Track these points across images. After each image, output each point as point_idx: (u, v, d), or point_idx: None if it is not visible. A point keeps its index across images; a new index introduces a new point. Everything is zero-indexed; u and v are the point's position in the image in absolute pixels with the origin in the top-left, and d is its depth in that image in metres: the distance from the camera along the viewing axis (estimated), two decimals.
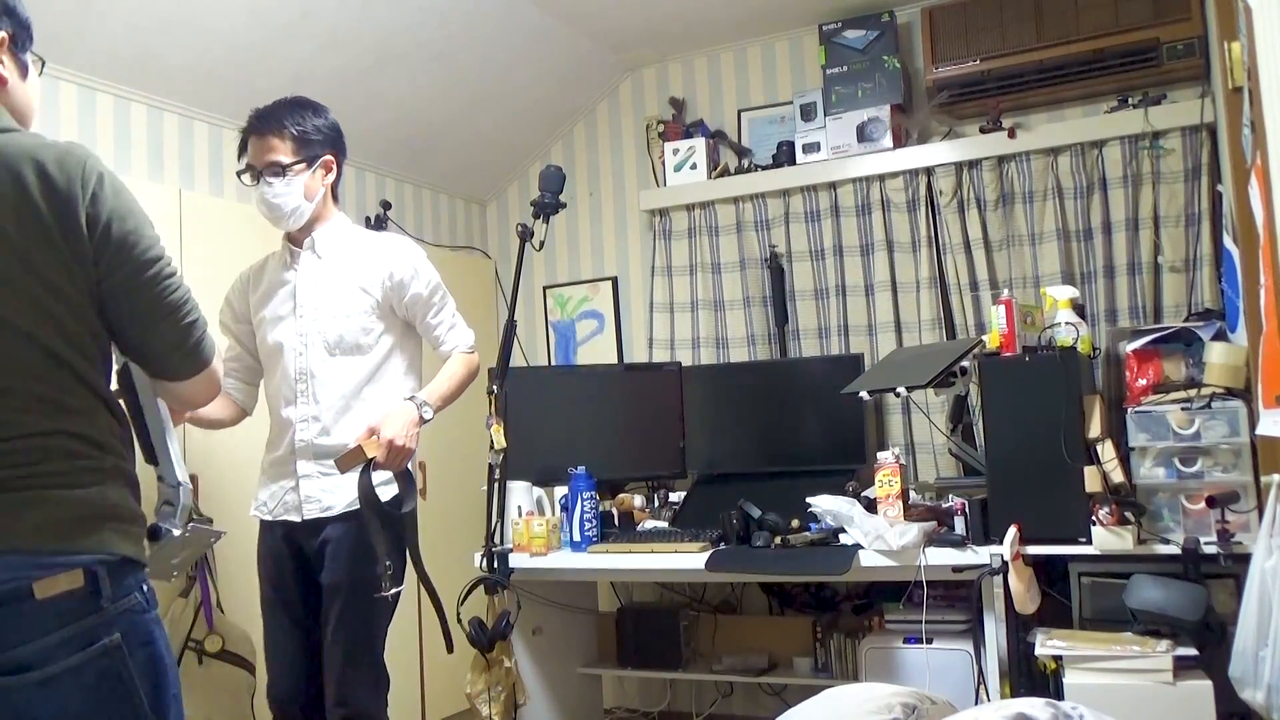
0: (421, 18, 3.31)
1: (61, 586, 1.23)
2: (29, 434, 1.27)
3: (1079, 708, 1.25)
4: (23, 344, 1.29)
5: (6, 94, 1.40)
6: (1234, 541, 2.43)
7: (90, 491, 1.30)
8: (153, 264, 1.42)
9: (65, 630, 1.23)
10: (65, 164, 1.34)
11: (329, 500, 2.34)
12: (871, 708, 1.52)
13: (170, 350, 1.47)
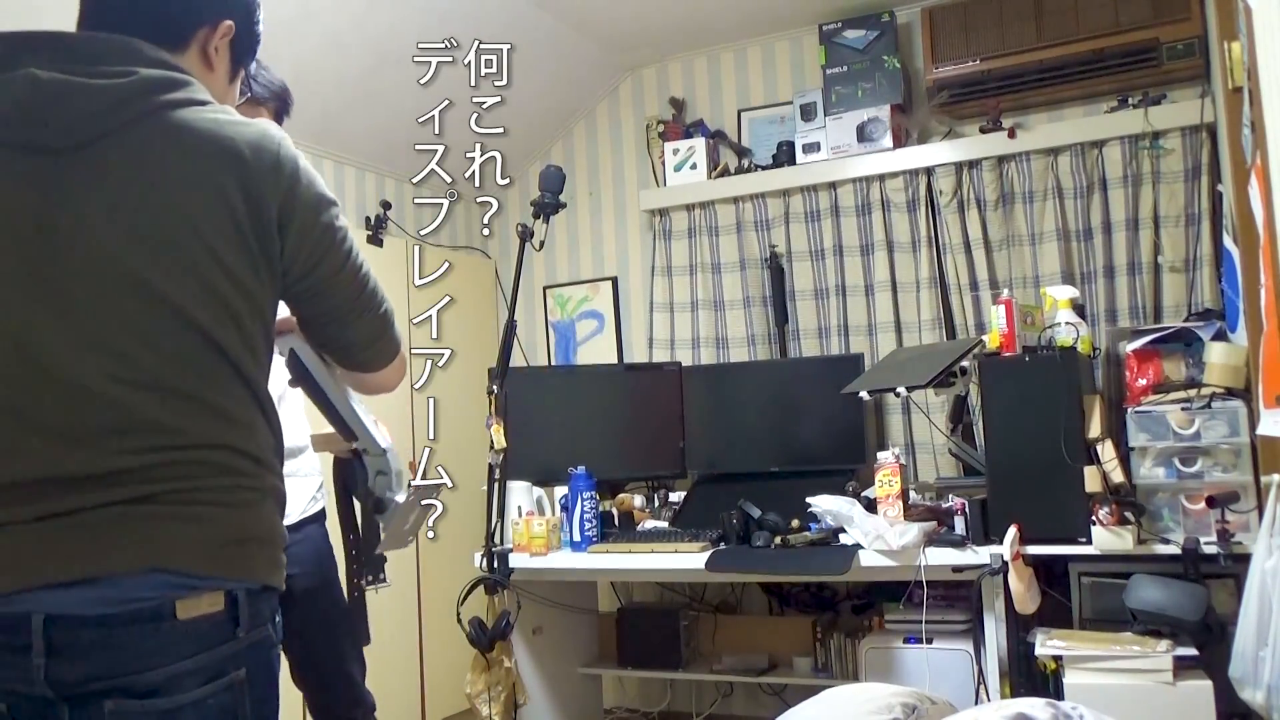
0: (422, 19, 3.31)
1: (203, 608, 1.14)
2: (193, 445, 1.16)
3: (1079, 708, 1.25)
4: (200, 342, 1.17)
5: (207, 83, 1.29)
6: (1234, 541, 2.43)
7: (245, 513, 1.20)
8: (348, 257, 1.30)
9: (199, 658, 1.14)
10: (263, 148, 1.21)
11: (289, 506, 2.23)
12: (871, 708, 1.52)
13: (369, 343, 1.39)
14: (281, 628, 1.28)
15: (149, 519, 1.13)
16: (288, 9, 3.03)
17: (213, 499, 1.17)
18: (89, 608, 1.09)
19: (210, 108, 1.22)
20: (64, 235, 1.13)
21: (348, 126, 3.66)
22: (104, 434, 1.12)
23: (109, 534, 1.11)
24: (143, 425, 1.13)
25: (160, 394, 1.15)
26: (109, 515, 1.11)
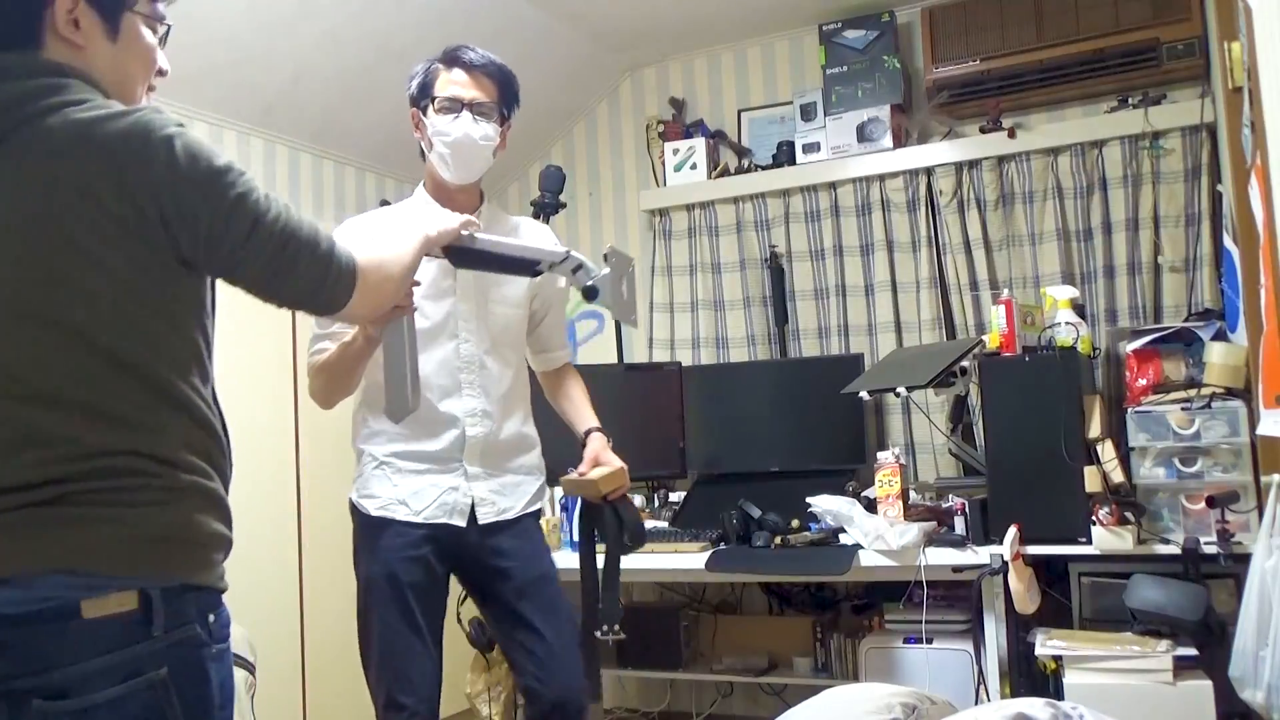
0: (421, 16, 3.31)
1: (111, 608, 1.14)
2: (91, 453, 1.17)
3: (1079, 708, 1.25)
4: (88, 353, 1.18)
5: (84, 60, 1.22)
6: (1234, 541, 2.43)
7: (155, 512, 1.19)
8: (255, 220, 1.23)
9: (109, 658, 1.13)
10: (130, 139, 1.16)
11: (505, 503, 2.15)
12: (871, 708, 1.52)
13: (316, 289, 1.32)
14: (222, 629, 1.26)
15: (54, 522, 1.14)
16: (287, 7, 3.02)
17: (118, 500, 1.17)
18: (3, 607, 1.12)
19: (81, 107, 1.17)
20: None
21: (347, 125, 3.66)
22: (4, 448, 1.15)
23: (16, 537, 1.14)
24: (39, 439, 1.15)
25: (53, 408, 1.16)
26: (16, 519, 1.14)
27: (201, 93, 3.18)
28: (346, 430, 3.83)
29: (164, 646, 1.17)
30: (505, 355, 2.15)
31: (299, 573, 3.24)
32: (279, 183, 3.54)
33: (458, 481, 2.09)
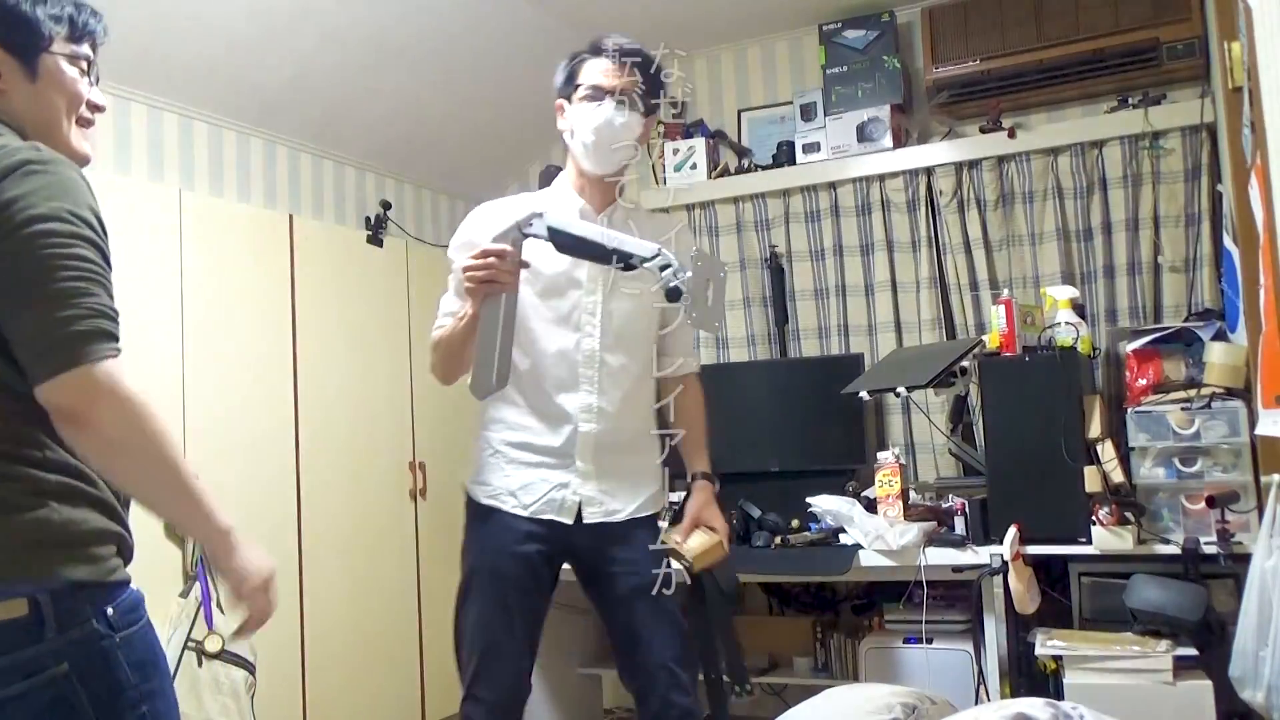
0: (421, 16, 3.31)
1: (10, 614, 1.17)
2: None
3: (1079, 708, 1.25)
4: None
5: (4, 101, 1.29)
6: (1234, 541, 2.43)
7: (27, 515, 1.21)
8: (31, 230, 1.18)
9: (5, 659, 1.17)
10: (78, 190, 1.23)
11: (613, 504, 2.05)
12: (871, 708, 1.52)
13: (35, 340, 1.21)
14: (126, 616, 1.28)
15: None
16: (287, 8, 3.02)
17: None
18: None
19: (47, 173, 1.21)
20: None
21: (347, 125, 3.66)
22: None
23: None
24: None
25: None
26: None
27: (202, 92, 3.18)
28: (346, 431, 3.85)
29: (61, 645, 1.20)
30: (631, 352, 2.06)
31: (299, 573, 3.23)
32: (279, 182, 3.54)
33: (568, 478, 2.03)
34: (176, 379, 2.92)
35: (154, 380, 2.86)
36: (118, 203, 2.83)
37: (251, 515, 3.10)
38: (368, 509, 3.52)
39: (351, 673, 3.38)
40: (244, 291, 3.16)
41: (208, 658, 2.77)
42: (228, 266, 3.12)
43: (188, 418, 2.93)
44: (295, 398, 3.30)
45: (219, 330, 3.06)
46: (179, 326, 2.94)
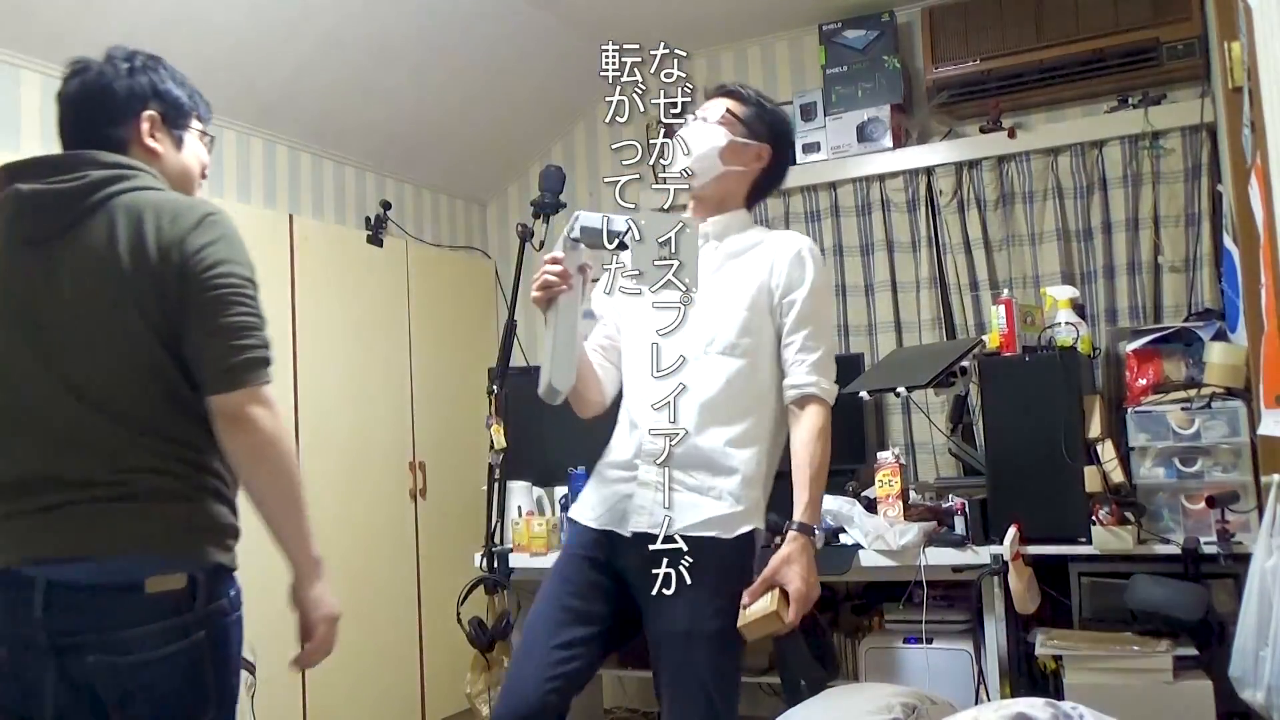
0: (421, 17, 3.31)
1: (169, 585, 1.45)
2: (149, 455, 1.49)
3: (1079, 708, 1.25)
4: (147, 382, 1.50)
5: (161, 163, 1.67)
6: (1234, 541, 2.43)
7: (191, 506, 1.51)
8: (217, 282, 1.53)
9: (165, 622, 1.45)
10: (179, 214, 1.53)
11: (662, 516, 1.86)
12: (871, 708, 1.52)
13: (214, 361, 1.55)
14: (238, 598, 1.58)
15: (123, 514, 1.46)
16: (287, 9, 3.02)
17: (170, 497, 1.49)
18: (82, 578, 1.43)
19: (155, 193, 1.56)
20: (47, 307, 1.51)
21: (347, 126, 3.66)
22: (80, 447, 1.48)
23: (94, 523, 1.45)
24: (109, 443, 1.48)
25: (125, 420, 1.49)
26: (93, 510, 1.45)
27: (202, 92, 3.18)
28: (346, 431, 3.85)
29: (204, 615, 1.48)
30: (715, 361, 1.91)
31: None
32: (279, 183, 3.54)
33: (632, 489, 1.89)
34: None
35: None
36: None
37: (251, 516, 3.09)
38: (367, 509, 3.52)
39: (351, 673, 3.38)
40: None
41: None
42: None
43: None
44: (295, 397, 3.30)
45: None
46: None
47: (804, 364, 1.91)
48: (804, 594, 1.78)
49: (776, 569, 1.81)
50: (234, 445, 1.52)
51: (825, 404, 1.91)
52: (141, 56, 1.72)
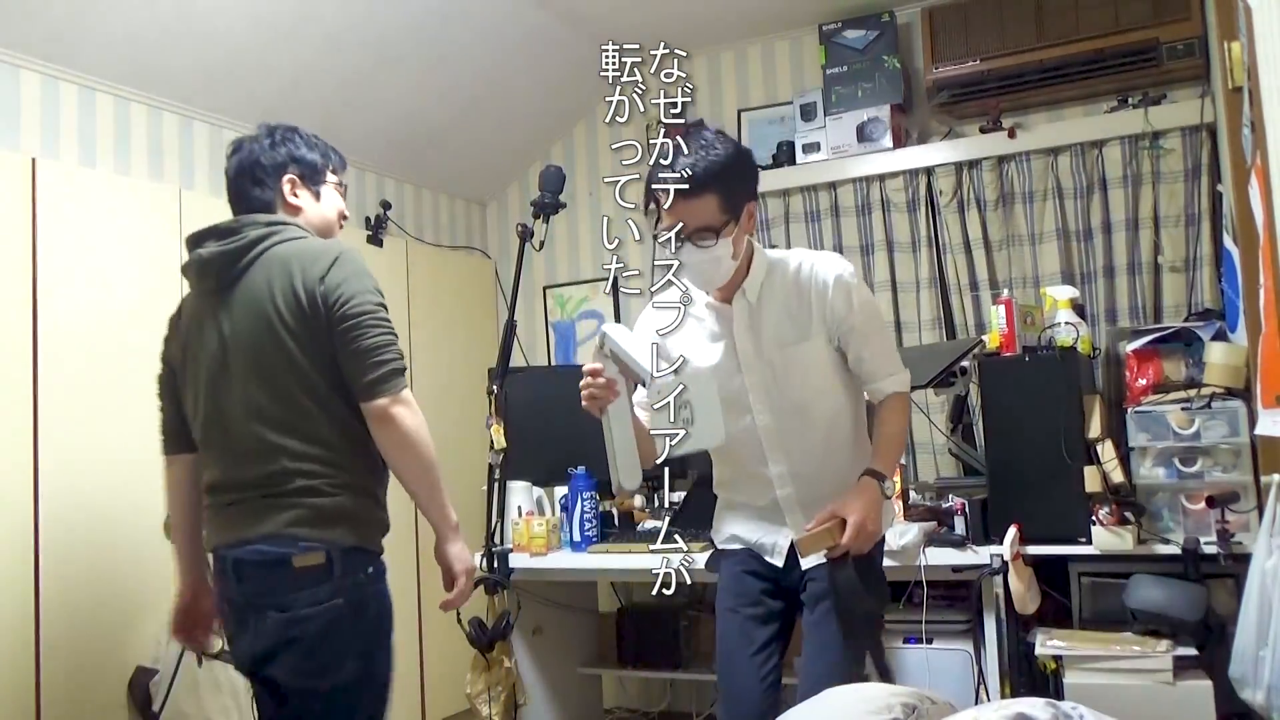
0: (421, 18, 3.31)
1: (310, 561, 1.86)
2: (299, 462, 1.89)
3: (1079, 708, 1.25)
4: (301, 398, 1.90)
5: (304, 215, 2.06)
6: (1234, 541, 2.43)
7: (331, 499, 1.90)
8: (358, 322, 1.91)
9: (309, 590, 1.86)
10: (317, 258, 1.91)
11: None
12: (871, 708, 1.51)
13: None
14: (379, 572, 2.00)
15: (277, 506, 1.88)
16: (287, 11, 3.02)
17: (309, 491, 1.89)
18: (252, 557, 1.89)
19: (298, 242, 1.96)
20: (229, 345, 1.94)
21: (347, 127, 3.66)
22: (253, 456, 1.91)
23: (260, 514, 1.89)
24: (271, 451, 1.90)
25: (283, 432, 1.90)
26: (257, 505, 1.89)
27: (202, 96, 3.18)
28: None
29: (342, 586, 1.89)
30: (808, 414, 2.09)
31: None
32: None
33: (780, 530, 2.12)
34: None
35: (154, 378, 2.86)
36: (118, 203, 2.84)
37: None
38: None
39: None
40: None
41: (208, 658, 2.77)
42: None
43: None
44: None
45: None
46: None
47: (877, 373, 2.10)
48: (858, 522, 1.93)
49: (842, 501, 1.96)
50: (383, 439, 1.92)
51: (902, 393, 2.12)
52: (281, 130, 2.08)
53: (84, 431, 2.66)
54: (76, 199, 2.72)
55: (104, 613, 2.67)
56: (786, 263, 2.12)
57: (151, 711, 2.66)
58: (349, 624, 1.91)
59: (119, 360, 2.76)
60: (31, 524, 2.54)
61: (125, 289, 2.81)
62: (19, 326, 2.56)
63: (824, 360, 2.08)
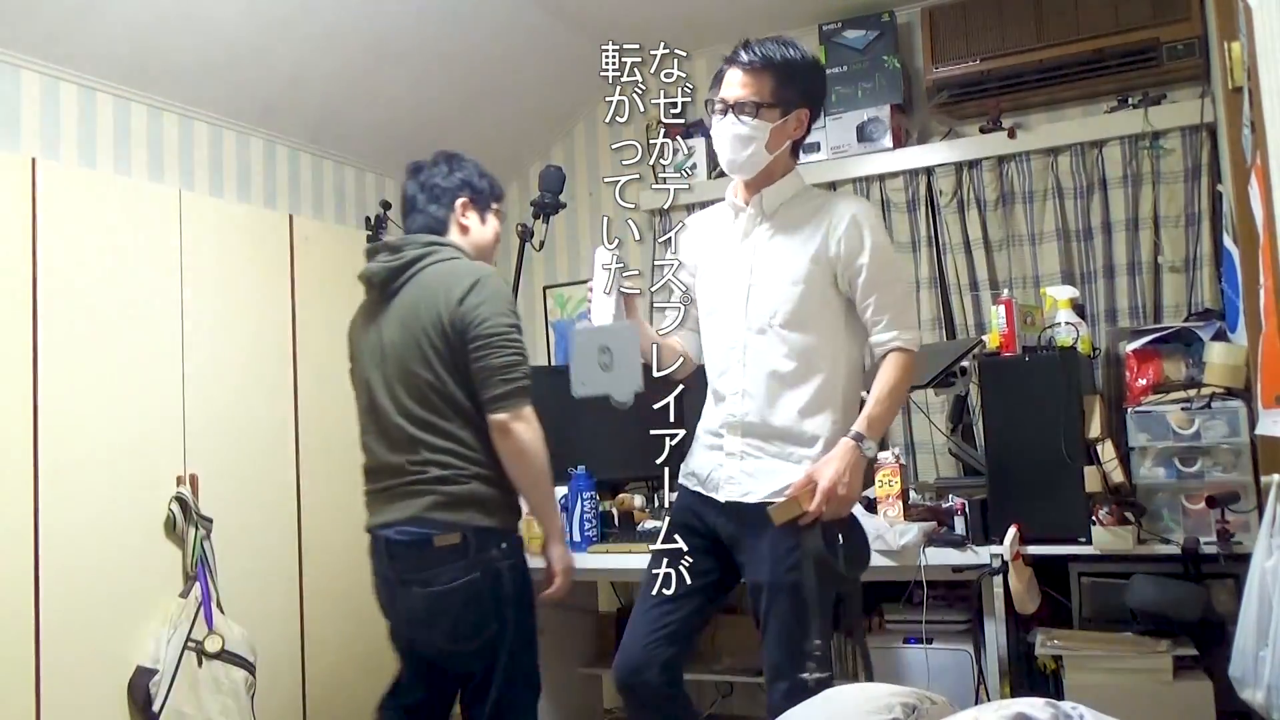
0: (421, 17, 3.31)
1: (449, 541, 2.14)
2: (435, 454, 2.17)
3: (1079, 708, 1.25)
4: (440, 399, 2.18)
5: (470, 235, 2.35)
6: (1234, 541, 2.43)
7: (463, 487, 2.16)
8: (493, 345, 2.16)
9: (447, 567, 2.14)
10: (460, 280, 2.18)
11: (749, 485, 2.09)
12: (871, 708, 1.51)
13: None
14: (514, 548, 2.22)
15: (417, 493, 2.17)
16: (286, 8, 3.02)
17: (444, 480, 2.16)
18: (400, 537, 2.19)
19: (448, 264, 2.24)
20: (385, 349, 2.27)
21: (347, 125, 3.66)
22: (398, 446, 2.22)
23: (405, 500, 2.18)
24: (413, 444, 2.19)
25: (423, 428, 2.18)
26: (403, 490, 2.19)
27: (201, 93, 3.18)
28: (347, 431, 3.81)
29: (476, 561, 2.15)
30: (783, 336, 2.06)
31: (299, 573, 3.23)
32: (279, 183, 3.54)
33: (720, 459, 2.13)
34: (177, 378, 2.92)
35: (154, 379, 2.86)
36: (118, 203, 2.84)
37: (251, 514, 3.10)
38: None
39: (351, 673, 3.38)
40: (244, 291, 3.16)
41: (208, 658, 2.77)
42: (228, 266, 3.12)
43: (188, 417, 2.93)
44: (295, 397, 3.30)
45: (219, 330, 3.06)
46: (179, 326, 2.94)
47: (880, 324, 2.07)
48: (829, 489, 1.94)
49: (817, 467, 1.99)
50: (502, 449, 2.17)
51: (907, 351, 2.07)
52: (457, 158, 2.43)
53: (84, 431, 2.66)
54: (76, 199, 2.72)
55: (104, 613, 2.67)
56: (815, 193, 2.17)
57: (151, 711, 2.66)
58: (486, 594, 2.16)
59: (119, 360, 2.76)
60: (31, 524, 2.53)
61: (125, 289, 2.81)
62: (19, 327, 2.56)
63: (818, 294, 2.06)
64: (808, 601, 1.98)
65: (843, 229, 2.05)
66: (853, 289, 2.07)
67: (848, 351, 2.11)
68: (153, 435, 2.85)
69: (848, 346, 2.11)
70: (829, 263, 2.06)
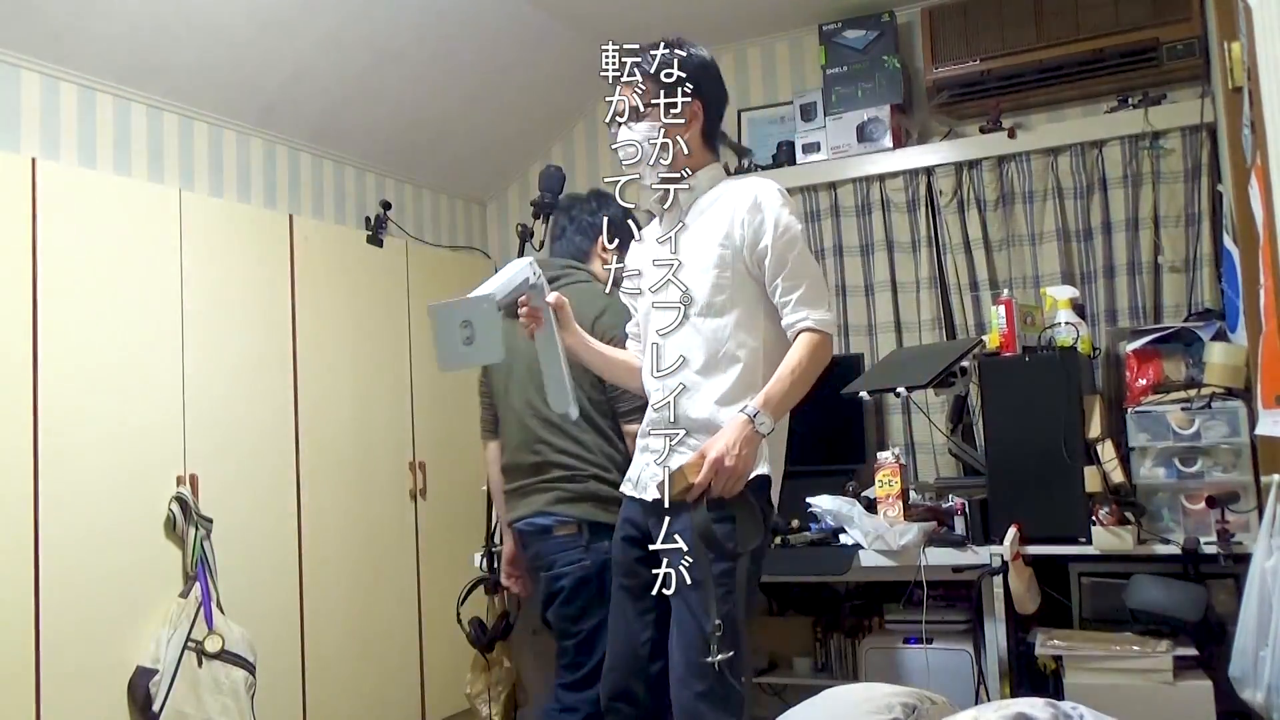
0: (421, 17, 3.31)
1: (567, 531, 2.40)
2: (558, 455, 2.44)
3: (1079, 708, 1.25)
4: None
5: (598, 265, 2.60)
6: (1234, 541, 2.43)
7: (580, 484, 2.40)
8: None
9: (564, 554, 2.40)
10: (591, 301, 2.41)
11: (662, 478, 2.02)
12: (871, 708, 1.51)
13: None
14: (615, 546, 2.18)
15: (543, 489, 2.43)
16: (287, 9, 3.03)
17: (564, 478, 2.42)
18: (529, 529, 2.47)
19: (574, 285, 2.46)
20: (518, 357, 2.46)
21: (347, 126, 3.66)
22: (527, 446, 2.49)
23: (533, 496, 2.45)
24: (539, 444, 2.46)
25: (548, 430, 2.44)
26: (532, 486, 2.46)
27: (202, 93, 3.18)
28: (346, 431, 3.84)
29: (588, 550, 2.38)
30: (696, 324, 2.03)
31: (299, 572, 3.24)
32: (279, 182, 3.54)
33: (647, 459, 2.08)
34: (176, 378, 2.92)
35: (154, 379, 2.86)
36: (118, 203, 2.84)
37: (251, 514, 3.10)
38: (368, 509, 3.53)
39: (351, 673, 3.38)
40: (244, 291, 3.16)
41: (208, 658, 2.77)
42: (228, 266, 3.12)
43: (188, 417, 2.93)
44: (295, 397, 3.30)
45: (219, 330, 3.06)
46: (179, 326, 2.94)
47: (789, 304, 2.01)
48: (715, 459, 1.89)
49: (709, 442, 1.94)
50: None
51: (818, 332, 2.01)
52: (606, 196, 2.59)
53: (84, 431, 2.66)
54: (76, 199, 2.72)
55: (104, 613, 2.67)
56: (727, 181, 2.14)
57: (152, 711, 2.66)
58: (595, 581, 2.34)
59: (119, 360, 2.76)
60: (31, 524, 2.54)
61: (125, 289, 2.81)
62: (19, 327, 2.56)
63: (722, 277, 2.02)
64: (701, 580, 1.91)
65: (745, 210, 2.01)
66: (761, 270, 2.02)
67: (768, 339, 2.05)
68: (152, 435, 2.85)
69: (768, 334, 2.05)
70: (736, 247, 2.02)
